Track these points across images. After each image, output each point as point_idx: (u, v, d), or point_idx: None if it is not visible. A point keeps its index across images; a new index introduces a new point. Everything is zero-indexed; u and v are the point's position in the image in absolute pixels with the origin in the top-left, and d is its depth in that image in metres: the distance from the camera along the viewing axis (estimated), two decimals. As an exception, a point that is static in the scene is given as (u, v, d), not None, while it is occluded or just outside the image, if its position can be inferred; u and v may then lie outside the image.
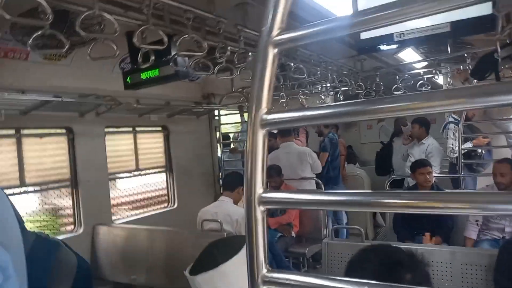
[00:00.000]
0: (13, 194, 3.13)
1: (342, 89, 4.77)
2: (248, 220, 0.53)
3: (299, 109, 0.51)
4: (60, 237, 3.45)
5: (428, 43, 2.98)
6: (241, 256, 1.01)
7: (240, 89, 4.25)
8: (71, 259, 2.06)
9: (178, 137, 4.76)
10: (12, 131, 3.18)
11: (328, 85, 4.45)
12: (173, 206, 4.74)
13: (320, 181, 4.45)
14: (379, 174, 5.81)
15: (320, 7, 2.13)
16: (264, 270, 0.52)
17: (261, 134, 0.51)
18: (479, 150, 4.53)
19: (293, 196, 0.51)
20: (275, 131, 5.13)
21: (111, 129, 4.02)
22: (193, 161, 4.95)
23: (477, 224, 3.29)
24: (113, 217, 3.99)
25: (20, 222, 1.64)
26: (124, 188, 4.34)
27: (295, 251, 4.19)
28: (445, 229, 3.42)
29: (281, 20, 0.48)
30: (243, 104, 4.75)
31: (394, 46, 1.79)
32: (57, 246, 2.08)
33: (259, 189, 0.52)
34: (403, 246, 2.62)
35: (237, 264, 1.01)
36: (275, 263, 3.92)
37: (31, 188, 3.36)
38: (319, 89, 4.78)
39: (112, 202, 4.03)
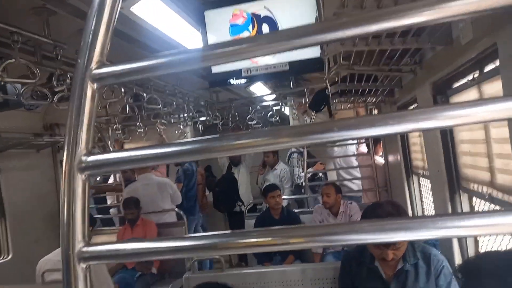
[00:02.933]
0: None
1: (201, 119, 4.86)
2: (66, 281, 0.45)
3: (125, 149, 0.46)
4: None
5: (271, 79, 3.32)
6: None
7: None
8: None
9: (13, 175, 4.05)
10: None
11: (186, 115, 4.47)
12: (6, 257, 3.96)
13: (181, 212, 4.36)
14: (222, 209, 5.31)
15: (172, 40, 2.14)
16: None
17: (79, 179, 0.44)
18: (320, 174, 5.18)
19: (120, 247, 0.46)
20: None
21: None
22: (33, 202, 4.27)
23: None
24: None
25: None
26: None
27: (157, 290, 3.94)
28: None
29: (101, 52, 0.44)
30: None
31: (243, 80, 1.91)
32: None
33: (78, 243, 0.44)
34: (260, 270, 2.74)
35: None
36: (135, 308, 3.61)
37: None
38: (178, 119, 4.76)
39: None
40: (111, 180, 5.27)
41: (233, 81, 1.98)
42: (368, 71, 2.45)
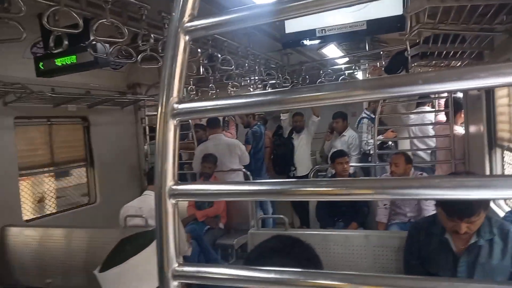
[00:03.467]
0: None
1: (270, 82, 4.87)
2: (158, 214, 0.51)
3: (212, 98, 0.50)
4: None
5: (347, 39, 3.17)
6: (151, 249, 1.00)
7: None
8: None
9: (100, 129, 4.49)
10: None
11: (256, 77, 4.51)
12: (94, 202, 4.48)
13: (248, 173, 4.52)
14: (279, 172, 5.58)
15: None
16: (175, 264, 0.51)
17: (172, 124, 0.49)
18: (389, 142, 4.97)
19: (204, 187, 0.51)
20: (204, 123, 5.09)
21: (22, 120, 3.66)
22: (117, 154, 4.71)
23: (386, 208, 3.58)
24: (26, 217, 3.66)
25: None
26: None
27: (223, 243, 4.20)
28: (360, 215, 3.68)
29: (192, 6, 0.47)
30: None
31: (317, 41, 1.86)
32: None
33: (169, 181, 0.50)
34: (323, 232, 2.78)
35: (147, 257, 1.00)
36: (204, 256, 3.91)
37: None
38: (248, 81, 4.82)
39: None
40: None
41: (307, 42, 1.94)
42: (456, 31, 2.24)
